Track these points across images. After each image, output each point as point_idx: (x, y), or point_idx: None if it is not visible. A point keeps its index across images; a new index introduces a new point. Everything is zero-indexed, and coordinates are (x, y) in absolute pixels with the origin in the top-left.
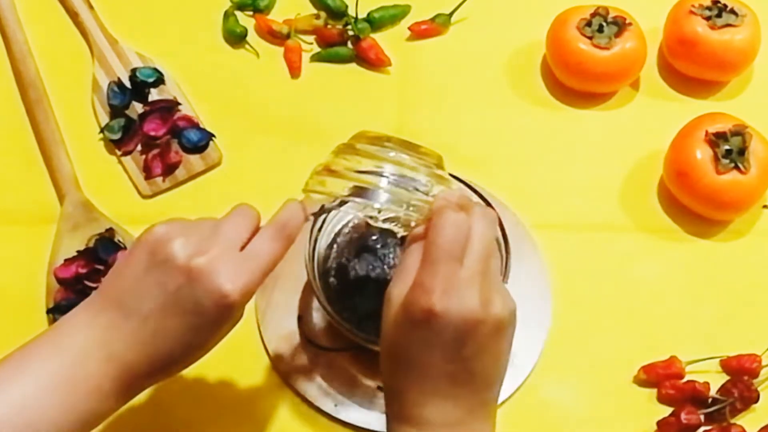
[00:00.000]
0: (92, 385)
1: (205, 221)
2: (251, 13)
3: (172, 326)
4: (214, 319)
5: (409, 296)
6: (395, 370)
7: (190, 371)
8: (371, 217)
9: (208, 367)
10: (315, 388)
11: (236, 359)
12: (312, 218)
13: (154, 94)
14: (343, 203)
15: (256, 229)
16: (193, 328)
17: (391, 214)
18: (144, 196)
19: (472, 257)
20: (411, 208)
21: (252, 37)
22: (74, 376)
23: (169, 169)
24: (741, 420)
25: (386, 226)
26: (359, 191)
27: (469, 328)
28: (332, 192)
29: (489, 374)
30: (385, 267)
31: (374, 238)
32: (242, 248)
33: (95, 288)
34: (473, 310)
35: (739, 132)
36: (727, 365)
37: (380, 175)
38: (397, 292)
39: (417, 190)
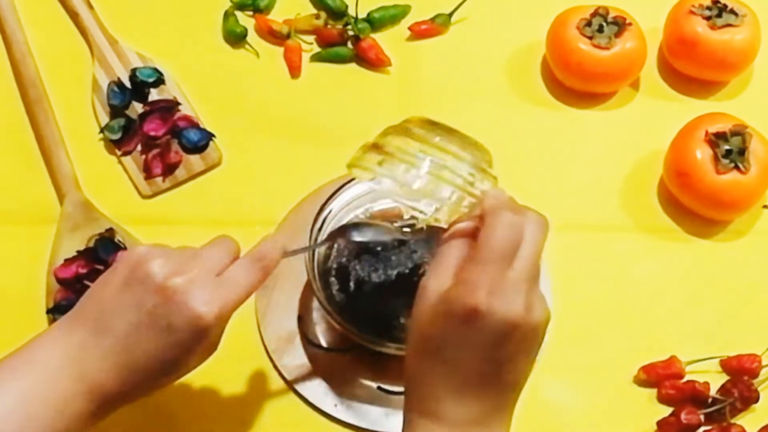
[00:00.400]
0: (64, 403)
1: (186, 248)
2: (251, 13)
3: (144, 344)
4: (186, 340)
5: (453, 291)
6: (424, 362)
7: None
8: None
9: (208, 366)
10: (315, 388)
11: (236, 359)
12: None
13: (154, 94)
14: (329, 239)
15: (235, 259)
16: (166, 347)
17: (431, 201)
18: (144, 196)
19: (522, 262)
20: (452, 197)
21: (252, 37)
22: (46, 393)
23: (169, 169)
24: (741, 420)
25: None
26: (399, 172)
27: (509, 331)
28: (373, 169)
29: (516, 378)
30: (387, 268)
31: (374, 241)
32: (219, 275)
33: None
34: (517, 314)
35: (739, 132)
36: (727, 365)
37: (424, 159)
38: (435, 285)
39: (463, 179)
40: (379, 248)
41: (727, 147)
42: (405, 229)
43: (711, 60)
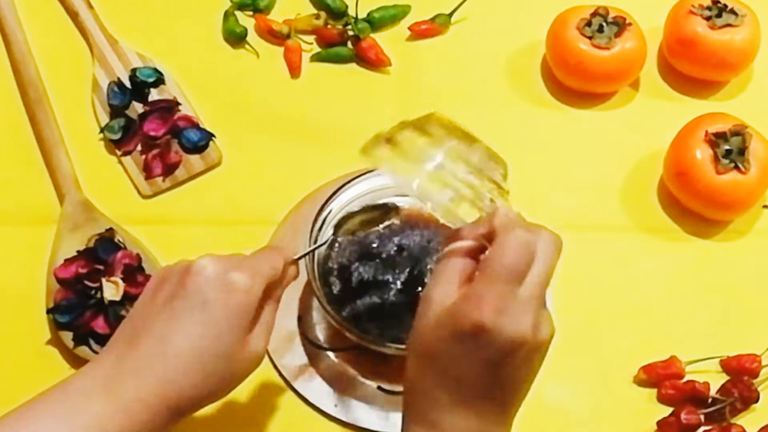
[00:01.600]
0: (95, 428)
1: None
2: (251, 13)
3: (183, 330)
4: (224, 314)
5: (460, 305)
6: (426, 373)
7: None
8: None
9: None
10: (315, 388)
11: None
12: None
13: (154, 94)
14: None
15: None
16: (205, 325)
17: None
18: (144, 196)
19: (533, 281)
20: (451, 203)
21: (252, 37)
22: (76, 419)
23: (169, 169)
24: (741, 420)
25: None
26: (403, 169)
27: (514, 350)
28: (380, 161)
29: (517, 393)
30: (387, 269)
31: (374, 240)
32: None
33: (95, 288)
34: (524, 334)
35: (739, 132)
36: (727, 365)
37: (432, 161)
38: (440, 295)
39: (471, 189)
40: (379, 248)
41: (726, 147)
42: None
43: (711, 60)
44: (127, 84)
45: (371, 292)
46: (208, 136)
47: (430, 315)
